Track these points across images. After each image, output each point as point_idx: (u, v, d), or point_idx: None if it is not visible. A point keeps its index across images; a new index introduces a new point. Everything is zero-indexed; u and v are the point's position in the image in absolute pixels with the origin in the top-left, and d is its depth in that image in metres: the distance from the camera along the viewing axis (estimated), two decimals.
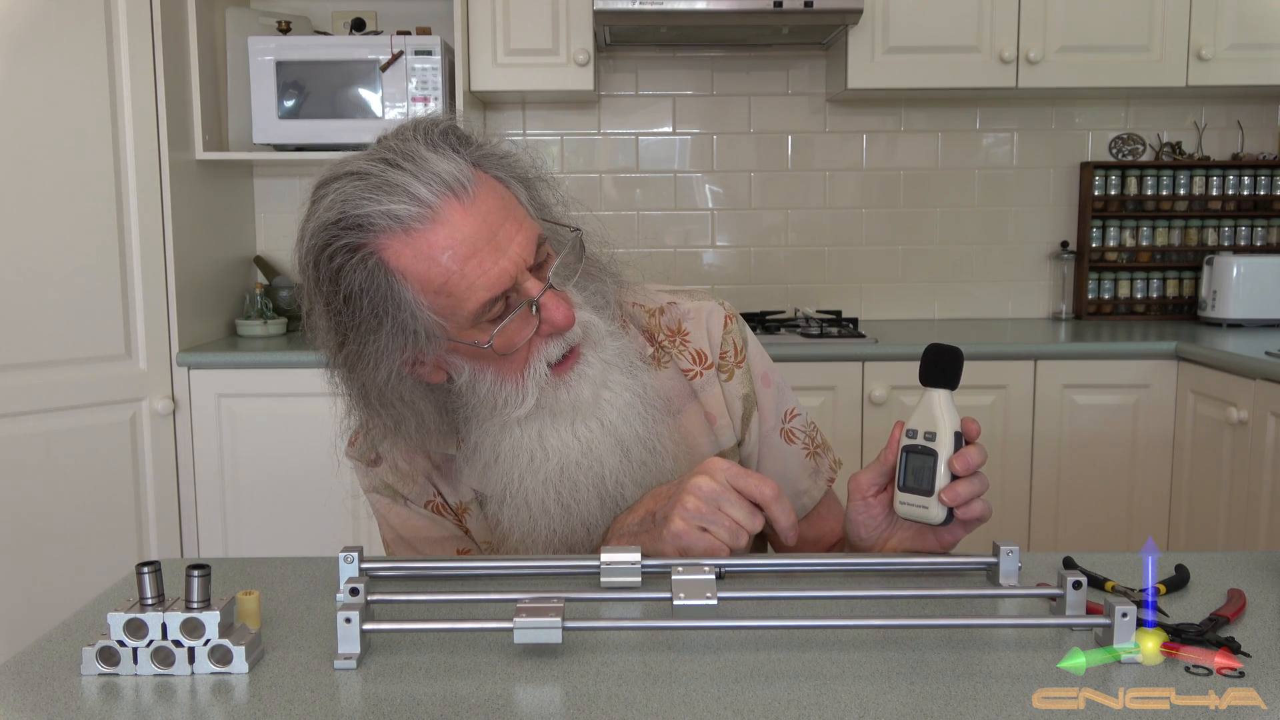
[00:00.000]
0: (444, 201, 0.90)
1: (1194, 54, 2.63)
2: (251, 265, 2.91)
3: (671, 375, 1.12)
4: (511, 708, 0.70)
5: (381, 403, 0.97)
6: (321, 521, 2.45)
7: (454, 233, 0.90)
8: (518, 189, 0.98)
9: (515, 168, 0.99)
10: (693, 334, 1.13)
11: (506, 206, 0.94)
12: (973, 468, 0.92)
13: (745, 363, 1.14)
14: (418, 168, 0.90)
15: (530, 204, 0.99)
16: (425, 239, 0.90)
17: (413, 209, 0.90)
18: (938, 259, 3.03)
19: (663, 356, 1.12)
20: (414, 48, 2.53)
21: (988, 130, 2.99)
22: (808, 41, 2.85)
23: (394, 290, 0.91)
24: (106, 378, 2.29)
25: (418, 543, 1.11)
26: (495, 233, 0.91)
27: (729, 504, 0.92)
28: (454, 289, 0.91)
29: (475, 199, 0.91)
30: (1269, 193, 2.93)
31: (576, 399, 0.99)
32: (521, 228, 0.94)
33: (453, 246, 0.90)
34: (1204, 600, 0.89)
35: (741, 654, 0.77)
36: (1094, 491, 2.51)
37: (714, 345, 1.13)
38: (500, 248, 0.91)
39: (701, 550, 0.92)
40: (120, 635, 0.74)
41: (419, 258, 0.90)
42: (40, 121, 2.15)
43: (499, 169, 0.97)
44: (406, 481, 1.10)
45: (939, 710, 0.68)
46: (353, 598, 0.78)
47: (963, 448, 0.92)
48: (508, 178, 0.97)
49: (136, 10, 2.26)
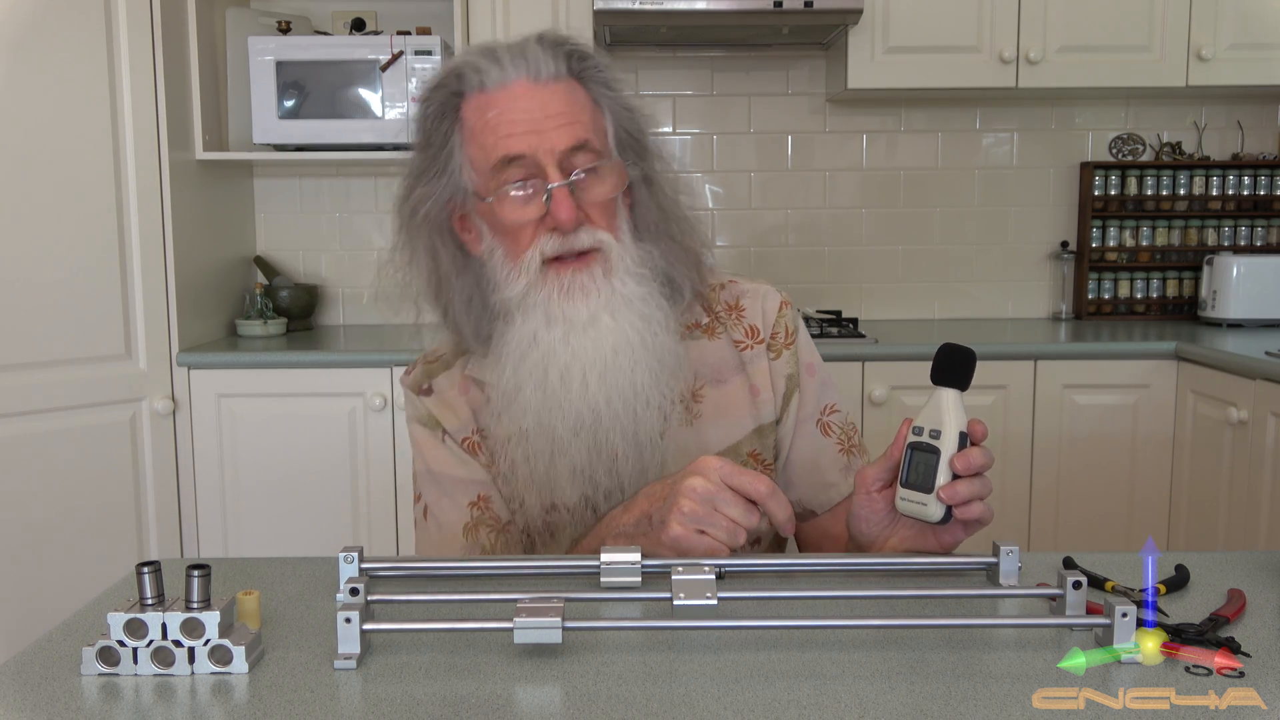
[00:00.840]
0: (519, 77, 1.02)
1: (1194, 54, 2.63)
2: (251, 265, 2.91)
3: (723, 345, 1.16)
4: (511, 708, 0.70)
5: (432, 258, 1.08)
6: (321, 521, 2.45)
7: (511, 99, 1.02)
8: (605, 116, 1.07)
9: (617, 101, 1.08)
10: (748, 310, 1.18)
11: (574, 110, 1.03)
12: (974, 468, 0.92)
13: (794, 347, 1.17)
14: (519, 51, 1.03)
15: (611, 134, 1.07)
16: (488, 97, 1.03)
17: (493, 74, 1.02)
18: (938, 259, 3.03)
19: (716, 327, 1.17)
20: (414, 48, 2.53)
21: (988, 130, 2.99)
22: (808, 41, 2.85)
23: (451, 136, 1.04)
24: (106, 378, 2.29)
25: (443, 480, 1.14)
26: (545, 115, 1.01)
27: (724, 503, 0.92)
28: (485, 140, 1.02)
29: (546, 86, 1.02)
30: (1269, 193, 2.93)
31: (570, 313, 1.03)
32: (573, 127, 1.02)
33: (501, 106, 1.02)
34: (1204, 600, 0.89)
35: (741, 654, 0.77)
36: (1094, 491, 2.51)
37: (767, 324, 1.17)
38: (541, 128, 1.01)
39: (701, 553, 0.93)
40: (120, 635, 0.74)
41: (476, 111, 1.03)
42: (40, 122, 2.15)
43: (599, 92, 1.06)
44: (449, 413, 1.14)
45: (939, 710, 0.68)
46: (353, 598, 0.78)
47: (967, 448, 0.92)
48: (601, 100, 1.06)
49: (136, 10, 2.26)
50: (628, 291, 1.05)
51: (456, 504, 1.13)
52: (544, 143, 1.00)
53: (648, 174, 1.09)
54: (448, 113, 1.05)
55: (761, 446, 1.16)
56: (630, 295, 1.05)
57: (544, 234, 1.02)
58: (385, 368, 2.41)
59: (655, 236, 1.10)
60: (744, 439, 1.15)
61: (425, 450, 1.15)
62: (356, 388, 2.42)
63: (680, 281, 1.12)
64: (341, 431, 2.43)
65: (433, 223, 1.07)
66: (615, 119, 1.07)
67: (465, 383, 1.15)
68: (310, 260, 2.99)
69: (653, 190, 1.09)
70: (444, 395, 1.16)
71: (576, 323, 1.03)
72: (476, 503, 1.13)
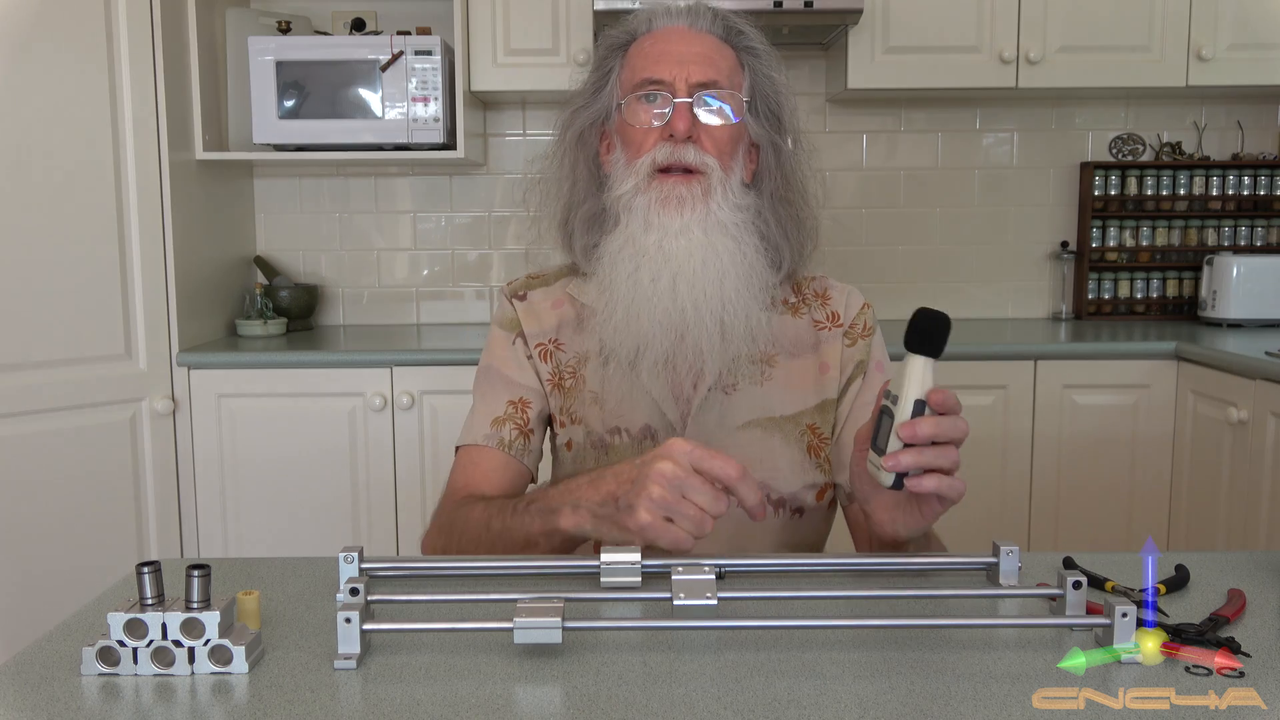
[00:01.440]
0: (679, 23, 1.18)
1: (1194, 54, 2.63)
2: (251, 265, 2.91)
3: (804, 324, 1.24)
4: (511, 708, 0.70)
5: (573, 175, 1.20)
6: (321, 521, 2.45)
7: (666, 37, 1.17)
8: (745, 76, 1.17)
9: (762, 72, 1.17)
10: (833, 299, 1.26)
11: (717, 57, 1.15)
12: (918, 438, 0.87)
13: (870, 340, 1.24)
14: (687, 8, 1.19)
15: (746, 90, 1.17)
16: (651, 36, 1.18)
17: (660, 19, 1.18)
18: (938, 259, 3.03)
19: (801, 307, 1.25)
20: (414, 48, 2.53)
21: (988, 130, 2.99)
22: (808, 42, 2.85)
23: (613, 66, 1.19)
24: (106, 378, 2.29)
25: (496, 375, 1.23)
26: (691, 53, 1.14)
27: (692, 490, 0.91)
28: (637, 64, 1.16)
29: (700, 35, 1.16)
30: (1269, 193, 2.93)
31: (665, 221, 1.12)
32: (711, 67, 1.13)
33: (657, 40, 1.17)
34: (1204, 600, 0.89)
35: (741, 654, 0.77)
36: (1094, 491, 2.51)
37: (848, 315, 1.25)
38: (684, 61, 1.13)
39: (667, 543, 0.91)
40: (120, 635, 0.74)
41: (638, 47, 1.18)
42: (40, 122, 2.15)
43: (747, 59, 1.18)
44: (533, 320, 1.24)
45: (939, 710, 0.68)
46: (353, 598, 0.78)
47: (920, 416, 0.87)
48: (746, 64, 1.18)
49: (136, 10, 2.26)
50: (723, 216, 1.13)
51: (498, 397, 1.22)
52: (682, 72, 1.13)
53: (777, 144, 1.18)
54: (616, 50, 1.20)
55: (821, 421, 1.21)
56: (725, 220, 1.13)
57: (659, 140, 1.13)
58: (385, 368, 2.41)
59: (772, 202, 1.18)
60: (806, 410, 1.20)
61: (493, 347, 1.26)
62: (356, 388, 2.42)
63: (782, 250, 1.19)
64: (341, 431, 2.43)
65: (583, 141, 1.20)
66: (755, 84, 1.17)
67: (561, 299, 1.25)
68: (310, 260, 2.99)
69: (779, 160, 1.18)
70: (535, 304, 1.26)
71: (670, 230, 1.12)
72: (516, 403, 1.22)
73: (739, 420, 1.18)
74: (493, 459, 1.19)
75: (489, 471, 1.19)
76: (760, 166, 1.19)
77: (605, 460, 1.18)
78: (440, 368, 2.42)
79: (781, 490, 1.18)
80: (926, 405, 0.87)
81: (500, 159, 2.97)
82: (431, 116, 2.54)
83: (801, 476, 1.19)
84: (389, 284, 3.02)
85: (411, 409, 2.43)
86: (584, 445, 1.21)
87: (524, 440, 1.20)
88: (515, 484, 1.20)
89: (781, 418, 1.19)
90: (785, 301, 1.24)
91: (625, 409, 1.18)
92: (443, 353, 2.44)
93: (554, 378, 1.23)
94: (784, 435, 1.19)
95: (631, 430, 1.18)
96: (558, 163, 1.23)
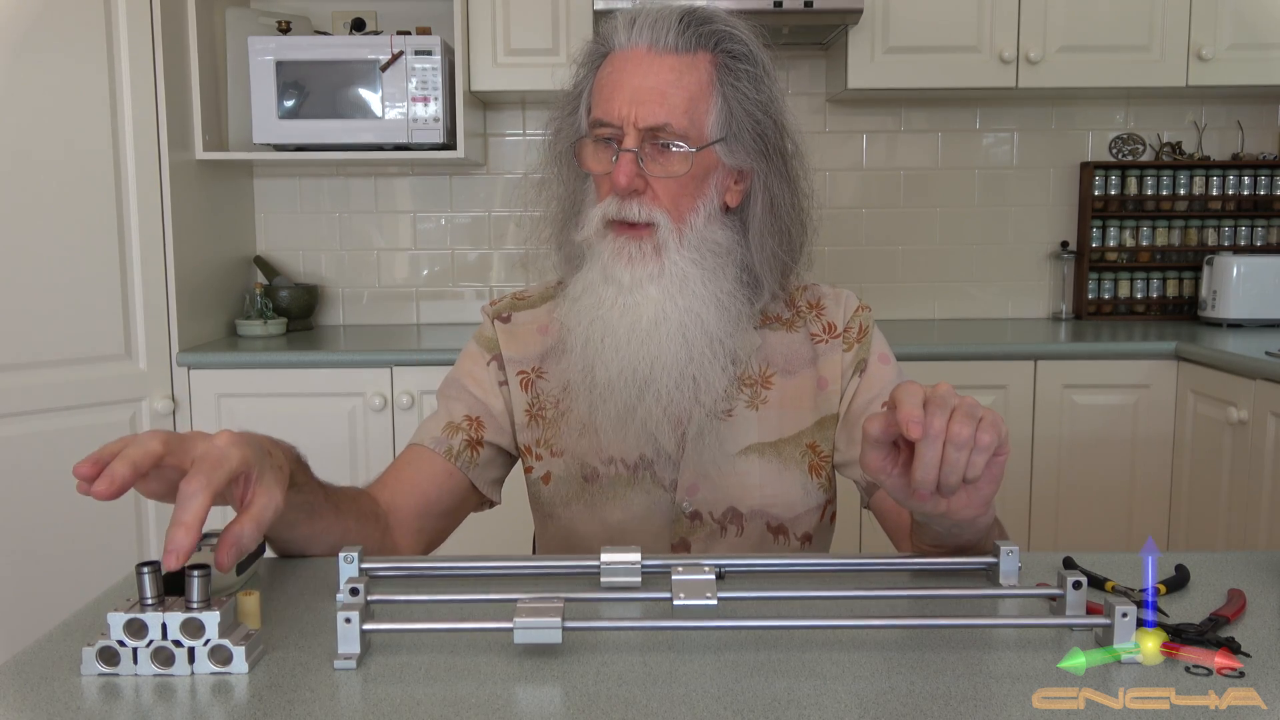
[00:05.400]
0: (642, 43, 1.07)
1: (1194, 54, 2.63)
2: (251, 265, 2.91)
3: (800, 339, 1.21)
4: (511, 708, 0.69)
5: (562, 185, 1.16)
6: None
7: (623, 64, 1.07)
8: (716, 101, 1.07)
9: (744, 92, 1.08)
10: (828, 309, 1.23)
11: (676, 88, 1.06)
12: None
13: (867, 341, 1.21)
14: (657, 18, 1.08)
15: (715, 120, 1.07)
16: (615, 57, 1.09)
17: (623, 37, 1.09)
18: (938, 259, 3.03)
19: (796, 321, 1.22)
20: (414, 48, 2.53)
21: (988, 130, 2.99)
22: (808, 42, 2.85)
23: (583, 86, 1.13)
24: (106, 378, 2.29)
25: (462, 390, 1.20)
26: (646, 88, 1.06)
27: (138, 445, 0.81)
28: (597, 95, 1.10)
29: (662, 57, 1.06)
30: (1269, 193, 2.93)
31: (618, 275, 1.08)
32: (663, 107, 1.05)
33: (617, 68, 1.08)
34: (1204, 600, 0.88)
35: (741, 654, 0.77)
36: (1094, 491, 2.51)
37: (844, 320, 1.22)
38: (638, 99, 1.05)
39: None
40: (120, 635, 0.74)
41: (606, 67, 1.10)
42: (40, 122, 2.15)
43: (725, 78, 1.07)
44: (515, 343, 1.21)
45: (939, 710, 0.68)
46: (353, 598, 0.78)
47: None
48: (723, 85, 1.07)
49: (136, 11, 2.26)
50: (682, 268, 1.08)
51: (456, 410, 1.19)
52: (631, 114, 1.06)
53: (759, 166, 1.11)
54: (588, 67, 1.13)
55: (821, 438, 1.18)
56: (685, 273, 1.08)
57: (607, 191, 1.08)
58: (385, 368, 2.41)
59: (756, 230, 1.12)
60: (805, 430, 1.18)
61: (465, 362, 1.23)
62: (356, 388, 2.42)
63: (762, 278, 1.15)
64: (341, 432, 2.43)
65: (563, 155, 1.16)
66: (731, 102, 1.08)
67: (546, 324, 1.21)
68: (310, 260, 2.99)
69: (765, 180, 1.11)
70: (518, 328, 1.23)
71: (623, 285, 1.08)
72: (472, 419, 1.19)
73: (737, 446, 1.16)
74: (433, 464, 1.16)
75: (418, 477, 1.15)
76: (750, 191, 1.12)
77: (592, 492, 1.16)
78: (440, 368, 2.40)
79: (784, 517, 1.17)
80: None
81: (500, 159, 2.97)
82: (431, 116, 2.54)
83: (805, 500, 1.17)
84: (389, 284, 3.02)
85: (411, 409, 2.43)
86: (567, 477, 1.18)
87: (471, 453, 1.17)
88: (451, 494, 1.16)
89: (780, 440, 1.17)
90: (779, 318, 1.21)
91: (618, 438, 1.14)
92: (442, 353, 2.44)
93: (531, 409, 1.19)
94: (783, 459, 1.17)
95: (627, 460, 1.16)
96: (545, 172, 1.20)
